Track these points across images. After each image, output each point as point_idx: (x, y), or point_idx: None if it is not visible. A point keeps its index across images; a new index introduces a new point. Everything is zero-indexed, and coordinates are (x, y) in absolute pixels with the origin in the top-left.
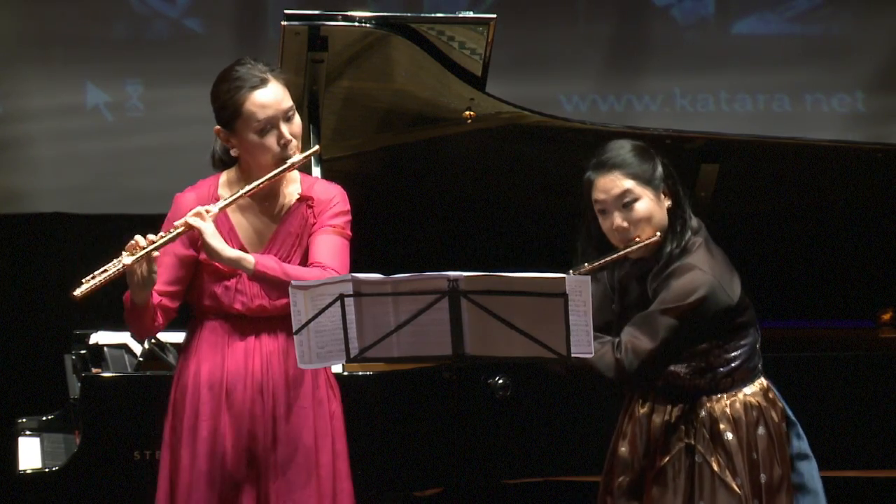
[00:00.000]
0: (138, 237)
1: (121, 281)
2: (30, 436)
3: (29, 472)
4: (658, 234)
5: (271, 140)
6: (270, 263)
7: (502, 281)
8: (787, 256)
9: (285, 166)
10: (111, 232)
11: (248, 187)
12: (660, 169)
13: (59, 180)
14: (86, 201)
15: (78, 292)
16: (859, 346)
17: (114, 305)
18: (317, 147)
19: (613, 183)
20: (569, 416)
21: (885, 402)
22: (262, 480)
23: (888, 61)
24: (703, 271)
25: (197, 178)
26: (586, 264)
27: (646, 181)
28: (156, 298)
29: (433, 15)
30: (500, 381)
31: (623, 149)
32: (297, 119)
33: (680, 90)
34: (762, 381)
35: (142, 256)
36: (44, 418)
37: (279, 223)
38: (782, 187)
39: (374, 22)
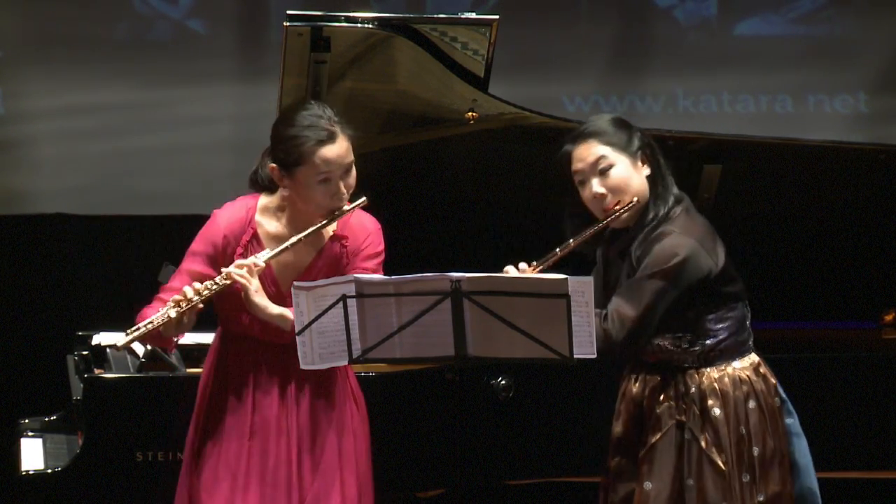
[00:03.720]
0: (186, 288)
1: (122, 280)
2: (32, 437)
3: (31, 472)
4: (636, 198)
5: (326, 191)
6: None
7: (505, 282)
8: (791, 257)
9: (334, 217)
10: (114, 233)
11: (294, 239)
12: (637, 138)
13: (61, 181)
14: (88, 202)
15: (120, 343)
16: (861, 347)
17: (116, 306)
18: (364, 199)
19: (589, 150)
20: (571, 417)
21: (887, 402)
22: (291, 489)
23: (891, 62)
24: (683, 235)
25: (199, 180)
26: (570, 241)
27: (621, 148)
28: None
29: (436, 16)
30: (503, 382)
31: (599, 119)
32: (353, 172)
33: (682, 91)
34: (753, 357)
35: (188, 309)
36: (46, 419)
37: (312, 259)
38: (785, 188)
39: (376, 23)
